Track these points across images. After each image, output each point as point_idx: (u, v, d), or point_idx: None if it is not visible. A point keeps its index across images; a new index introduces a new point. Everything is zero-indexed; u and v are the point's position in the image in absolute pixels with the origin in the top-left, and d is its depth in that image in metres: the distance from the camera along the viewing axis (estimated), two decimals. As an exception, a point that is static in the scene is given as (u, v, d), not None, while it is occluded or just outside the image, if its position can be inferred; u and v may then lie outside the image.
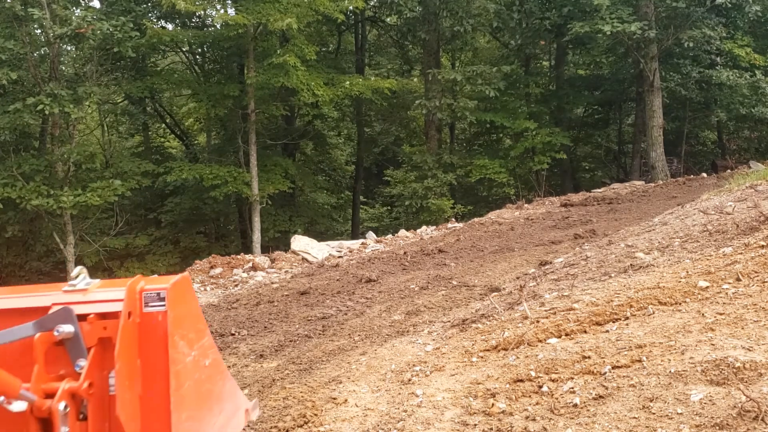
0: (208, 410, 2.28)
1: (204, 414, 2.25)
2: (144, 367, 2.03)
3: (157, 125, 28.25)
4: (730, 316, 4.15)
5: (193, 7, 18.75)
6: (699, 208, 8.45)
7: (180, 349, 2.12)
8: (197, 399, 2.21)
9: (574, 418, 3.34)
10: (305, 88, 19.50)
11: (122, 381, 1.94)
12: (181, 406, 2.07)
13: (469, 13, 22.22)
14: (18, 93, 18.05)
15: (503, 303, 6.12)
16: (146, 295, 2.05)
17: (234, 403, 2.43)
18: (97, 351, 1.99)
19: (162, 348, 2.05)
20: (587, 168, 31.74)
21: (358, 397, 4.35)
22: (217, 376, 2.33)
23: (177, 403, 2.05)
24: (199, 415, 2.21)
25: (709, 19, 22.02)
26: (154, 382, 2.03)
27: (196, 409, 2.20)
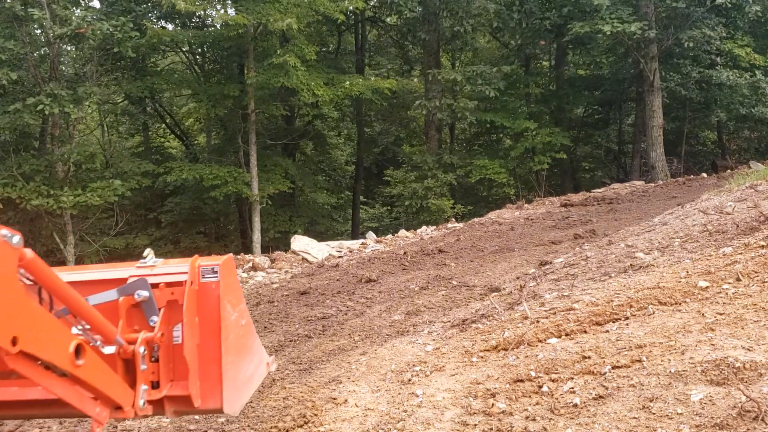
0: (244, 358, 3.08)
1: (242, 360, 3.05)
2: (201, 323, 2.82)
3: (157, 125, 28.25)
4: (730, 316, 4.15)
5: (193, 7, 18.74)
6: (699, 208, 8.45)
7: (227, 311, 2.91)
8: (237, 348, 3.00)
9: (574, 418, 3.34)
10: (305, 88, 19.50)
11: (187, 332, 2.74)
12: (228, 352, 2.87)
13: (469, 13, 22.21)
14: (18, 93, 18.04)
15: (503, 303, 6.12)
16: (203, 269, 2.88)
17: (260, 356, 3.27)
18: (166, 310, 2.77)
19: (215, 309, 2.86)
20: (587, 168, 31.74)
21: (358, 397, 4.35)
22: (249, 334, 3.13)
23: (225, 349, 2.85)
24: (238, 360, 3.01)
25: (709, 19, 22.01)
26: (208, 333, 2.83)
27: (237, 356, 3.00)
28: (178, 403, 2.88)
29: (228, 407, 2.99)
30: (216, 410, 3.07)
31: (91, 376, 2.39)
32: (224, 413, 3.14)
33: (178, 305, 2.81)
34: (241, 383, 3.11)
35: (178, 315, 2.81)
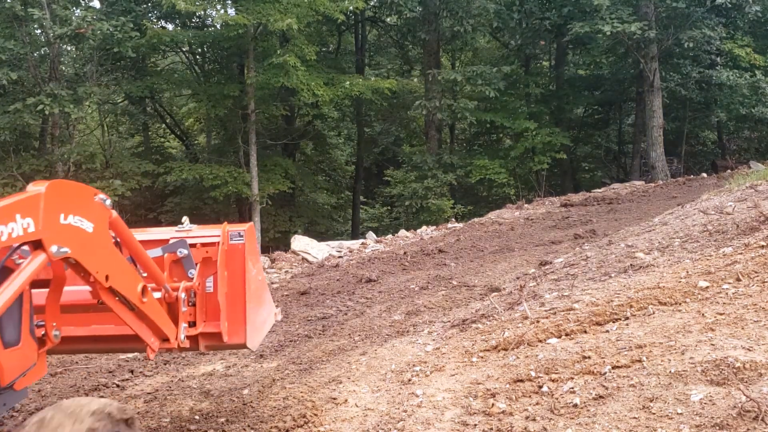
0: (261, 306, 3.98)
1: (259, 307, 3.93)
2: (229, 276, 3.67)
3: (157, 125, 28.25)
4: (730, 316, 4.15)
5: (193, 7, 18.74)
6: (699, 208, 8.44)
7: (250, 267, 3.78)
8: (256, 297, 3.87)
9: (574, 418, 3.34)
10: (305, 88, 19.50)
11: (219, 283, 3.59)
12: (250, 299, 3.75)
13: (469, 13, 22.21)
14: (18, 93, 18.05)
15: (503, 303, 6.12)
16: (231, 233, 3.73)
17: (271, 306, 4.21)
18: (201, 265, 3.61)
19: (241, 265, 3.73)
20: (587, 168, 31.74)
21: (358, 397, 4.35)
22: (264, 287, 4.10)
23: (248, 297, 3.73)
24: (257, 306, 3.89)
25: (709, 19, 22.01)
26: (235, 284, 3.70)
27: (256, 303, 3.87)
28: (210, 339, 3.70)
29: (250, 342, 3.84)
30: (240, 345, 3.87)
31: (150, 311, 3.20)
32: (247, 348, 3.92)
33: (211, 261, 3.68)
34: (259, 325, 3.98)
35: (211, 269, 3.68)
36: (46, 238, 2.58)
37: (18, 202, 2.51)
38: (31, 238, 2.53)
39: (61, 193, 2.72)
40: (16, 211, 2.47)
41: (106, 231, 2.94)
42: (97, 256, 2.85)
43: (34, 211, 2.53)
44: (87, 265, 2.80)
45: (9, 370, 2.62)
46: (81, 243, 2.75)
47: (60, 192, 2.71)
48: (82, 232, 2.77)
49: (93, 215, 2.85)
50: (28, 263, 2.58)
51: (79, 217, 2.77)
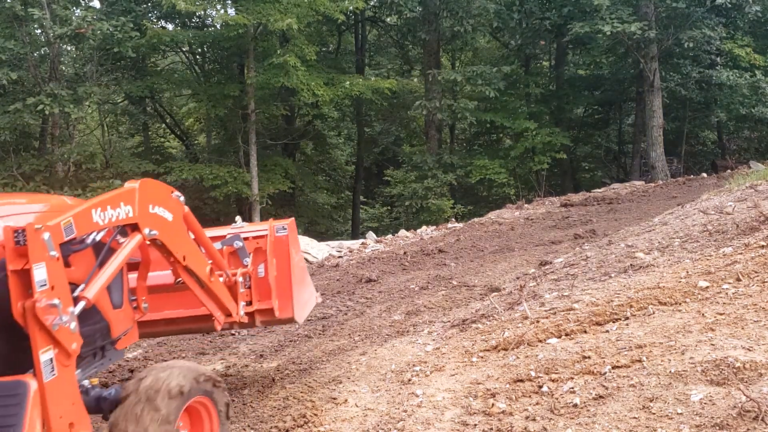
0: (304, 287, 4.82)
1: (302, 288, 4.76)
2: (277, 263, 4.48)
3: (157, 125, 28.24)
4: (730, 316, 4.15)
5: (193, 7, 18.74)
6: (699, 208, 8.44)
7: (293, 254, 4.59)
8: (299, 280, 4.66)
9: (574, 418, 3.34)
10: (305, 88, 19.49)
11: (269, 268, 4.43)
12: (294, 282, 4.54)
13: (469, 13, 22.20)
14: (18, 93, 18.04)
15: (503, 303, 6.12)
16: (277, 227, 4.57)
17: (312, 288, 5.09)
18: (254, 254, 4.42)
19: (286, 253, 4.53)
20: (587, 168, 31.73)
21: (358, 397, 4.35)
22: (305, 272, 4.95)
23: (293, 279, 4.53)
24: (300, 288, 4.67)
25: (709, 19, 22.00)
26: (282, 269, 4.51)
27: (300, 285, 4.65)
28: (264, 315, 4.52)
29: (297, 317, 4.69)
30: (289, 319, 4.68)
31: (217, 289, 3.92)
32: (295, 321, 4.76)
33: (261, 251, 4.54)
34: (303, 303, 4.82)
35: (261, 257, 4.52)
36: (141, 222, 3.28)
37: (121, 193, 3.20)
38: (130, 221, 3.22)
39: (149, 188, 3.40)
40: (120, 200, 3.16)
41: (182, 221, 3.67)
42: (176, 240, 3.58)
43: (132, 201, 3.22)
44: (170, 246, 3.52)
45: (116, 326, 3.37)
46: (165, 228, 3.45)
47: (148, 187, 3.39)
48: (165, 220, 3.49)
49: (172, 208, 3.58)
50: (128, 241, 3.24)
51: (162, 208, 3.49)
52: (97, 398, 3.15)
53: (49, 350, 2.66)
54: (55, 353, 2.67)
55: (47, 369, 2.65)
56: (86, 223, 2.94)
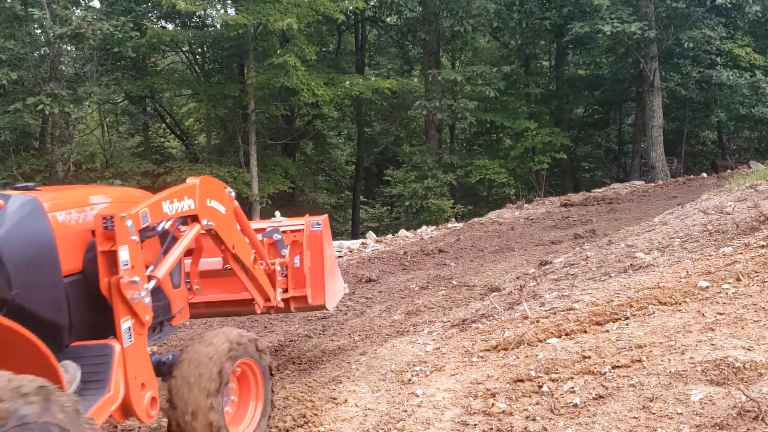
0: (334, 278, 5.30)
1: (333, 279, 5.24)
2: (312, 254, 4.94)
3: (157, 125, 28.23)
4: (730, 316, 4.15)
5: (193, 7, 18.74)
6: (699, 208, 8.44)
7: (326, 247, 5.04)
8: (331, 271, 5.13)
9: (574, 418, 3.34)
10: (305, 88, 19.49)
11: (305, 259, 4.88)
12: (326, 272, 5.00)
13: (469, 13, 22.19)
14: (18, 93, 18.03)
15: (503, 303, 6.12)
16: (312, 222, 5.01)
17: (341, 280, 5.57)
18: (291, 246, 4.88)
19: (319, 246, 4.98)
20: (587, 168, 31.71)
21: (358, 397, 4.35)
22: (336, 264, 5.42)
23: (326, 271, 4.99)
24: (332, 278, 5.14)
25: (709, 19, 21.99)
26: (316, 261, 4.96)
27: (331, 275, 5.12)
28: (299, 301, 4.96)
29: (328, 304, 5.17)
30: (321, 306, 5.14)
31: (259, 276, 4.44)
32: (326, 308, 5.24)
33: (298, 243, 5.01)
34: (334, 292, 5.32)
35: (297, 249, 5.00)
36: (200, 213, 3.80)
37: (185, 188, 3.74)
38: (192, 213, 3.74)
39: (207, 184, 3.93)
40: (184, 194, 3.69)
41: (232, 214, 4.22)
42: (227, 230, 4.09)
43: (193, 195, 3.74)
44: (222, 235, 4.02)
45: (175, 303, 3.82)
46: (219, 220, 3.99)
47: (207, 184, 3.92)
48: (219, 212, 4.01)
49: (225, 202, 4.10)
50: (189, 230, 3.76)
51: (217, 202, 4.00)
52: (158, 362, 3.55)
53: (128, 320, 3.13)
54: (132, 323, 3.15)
55: (126, 336, 3.11)
56: (158, 213, 3.46)
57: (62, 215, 3.11)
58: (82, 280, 3.14)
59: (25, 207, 2.90)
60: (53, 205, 3.07)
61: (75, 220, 3.18)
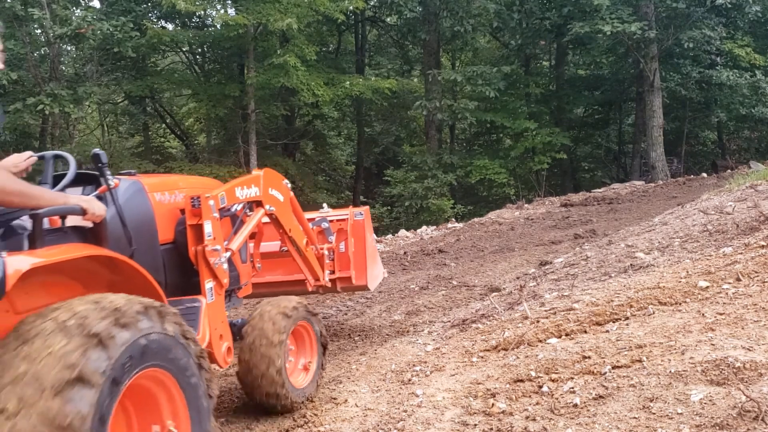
0: (375, 262, 5.94)
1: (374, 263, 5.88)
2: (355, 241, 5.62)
3: (157, 125, 28.23)
4: (730, 316, 4.15)
5: (193, 7, 18.72)
6: (699, 208, 8.45)
7: (368, 235, 5.76)
8: (372, 256, 5.80)
9: (575, 418, 3.34)
10: (305, 88, 19.48)
11: (349, 245, 5.60)
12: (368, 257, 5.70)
13: (470, 13, 22.18)
14: (18, 93, 18.00)
15: (503, 303, 6.12)
16: (355, 212, 5.76)
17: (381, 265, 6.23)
18: (337, 234, 5.56)
19: (362, 234, 5.68)
20: (587, 168, 31.71)
21: (358, 397, 4.35)
22: (376, 250, 6.13)
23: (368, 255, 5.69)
24: (373, 262, 5.81)
25: (709, 19, 21.99)
26: (358, 246, 5.64)
27: (372, 260, 5.78)
28: (344, 282, 5.65)
29: (370, 285, 5.83)
30: (363, 286, 5.81)
31: (310, 257, 5.11)
32: (368, 288, 5.90)
33: (343, 231, 5.67)
34: (375, 275, 5.97)
35: (342, 236, 5.66)
36: (264, 200, 4.42)
37: (252, 177, 4.39)
38: (257, 198, 4.35)
39: (269, 175, 4.58)
40: (252, 183, 4.31)
41: (289, 202, 4.83)
42: (285, 216, 4.73)
43: (258, 184, 4.38)
44: (281, 220, 4.65)
45: (243, 277, 4.34)
46: (278, 206, 4.60)
47: (269, 175, 4.57)
48: (279, 200, 4.62)
49: (283, 191, 4.72)
50: (254, 214, 4.36)
51: (277, 191, 4.62)
52: (230, 324, 4.06)
53: (211, 281, 3.74)
54: (213, 284, 3.76)
55: (209, 294, 3.71)
56: (232, 197, 4.07)
57: (159, 195, 3.75)
58: (174, 248, 3.76)
59: (133, 186, 3.58)
60: (152, 186, 3.74)
61: (168, 200, 3.82)
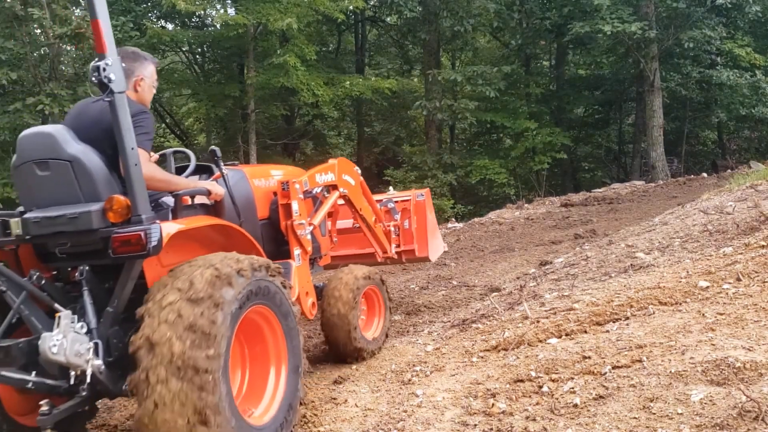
0: (435, 237, 7.12)
1: (434, 237, 7.05)
2: (417, 219, 6.73)
3: (157, 125, 28.23)
4: (730, 316, 4.15)
5: (193, 7, 18.72)
6: (699, 208, 8.44)
7: (429, 213, 6.88)
8: (432, 231, 6.97)
9: (575, 419, 3.33)
10: (305, 88, 19.48)
11: (412, 222, 6.70)
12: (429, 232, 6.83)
13: (470, 13, 22.17)
14: (18, 93, 17.99)
15: (503, 303, 6.12)
16: (417, 194, 6.86)
17: (441, 240, 7.42)
18: (401, 213, 6.69)
19: (423, 212, 6.80)
20: (587, 168, 31.70)
21: (358, 397, 4.35)
22: (436, 227, 7.23)
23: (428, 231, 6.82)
24: (433, 237, 6.98)
25: (710, 19, 21.98)
26: (420, 224, 6.74)
27: (432, 235, 6.94)
28: (408, 254, 6.62)
29: (431, 257, 6.86)
30: (425, 258, 6.83)
31: (379, 233, 6.04)
32: (429, 260, 6.98)
33: (407, 210, 6.64)
34: (435, 248, 7.00)
35: (406, 215, 6.63)
36: (338, 183, 5.35)
37: (328, 165, 5.31)
38: (332, 183, 5.28)
39: (343, 163, 5.51)
40: (328, 170, 5.27)
41: (359, 186, 5.72)
42: (356, 197, 5.66)
43: (334, 171, 5.32)
44: (353, 201, 5.60)
45: (323, 248, 5.30)
46: (351, 189, 5.55)
47: (342, 162, 5.51)
48: (350, 184, 5.56)
49: (354, 177, 5.64)
50: (330, 196, 5.26)
51: (349, 176, 5.54)
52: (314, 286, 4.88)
53: (298, 249, 4.64)
54: (300, 251, 4.66)
55: (297, 259, 4.61)
56: (313, 181, 4.97)
57: (257, 181, 4.76)
58: (269, 223, 4.71)
59: (238, 174, 4.66)
60: (251, 174, 4.83)
61: (264, 185, 4.82)
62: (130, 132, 3.26)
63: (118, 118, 3.25)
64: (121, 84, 3.28)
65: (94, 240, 3.28)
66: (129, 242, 3.14)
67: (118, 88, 3.26)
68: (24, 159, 3.51)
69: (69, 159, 3.38)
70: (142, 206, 3.24)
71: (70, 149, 3.39)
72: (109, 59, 3.31)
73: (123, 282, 3.25)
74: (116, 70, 3.29)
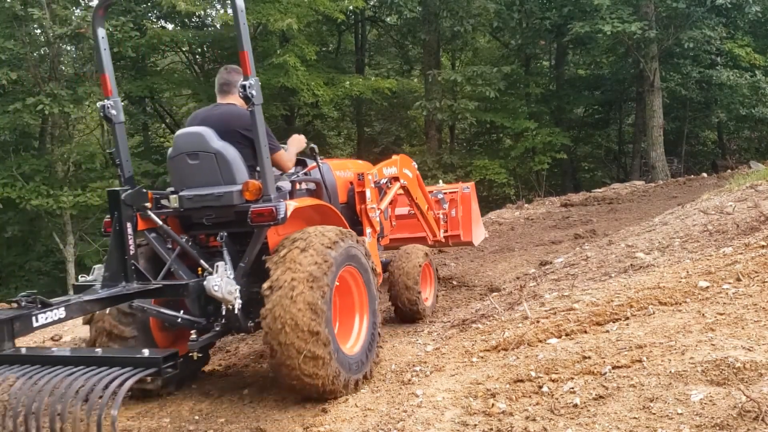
0: (478, 225, 8.32)
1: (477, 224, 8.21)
2: (462, 208, 7.90)
3: (157, 125, 28.22)
4: (730, 316, 4.15)
5: (193, 8, 18.72)
6: (699, 208, 8.44)
7: (473, 204, 8.03)
8: (476, 219, 8.15)
9: (575, 419, 3.33)
10: (305, 88, 19.48)
11: (458, 211, 7.90)
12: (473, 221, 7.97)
13: (470, 13, 22.17)
14: (18, 93, 17.98)
15: (503, 303, 6.12)
16: (463, 187, 8.11)
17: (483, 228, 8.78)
18: (449, 202, 7.92)
19: (468, 203, 7.95)
20: (587, 168, 31.70)
21: (358, 397, 4.35)
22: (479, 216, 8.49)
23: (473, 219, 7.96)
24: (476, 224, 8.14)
25: (709, 19, 21.97)
26: (465, 212, 7.90)
27: (476, 222, 8.11)
28: (454, 238, 7.74)
29: (475, 241, 7.99)
30: (469, 242, 7.92)
31: (430, 220, 7.32)
32: (473, 244, 8.08)
33: (454, 201, 7.83)
34: (478, 233, 8.10)
35: (453, 205, 7.79)
36: (399, 176, 6.43)
37: (391, 161, 6.42)
38: (394, 175, 6.37)
39: (403, 159, 6.62)
40: (391, 165, 6.36)
41: (416, 179, 6.83)
42: (413, 188, 6.77)
43: (396, 165, 6.43)
44: (411, 191, 6.70)
45: (385, 229, 6.36)
46: (409, 181, 6.64)
47: (403, 159, 6.61)
48: (409, 176, 6.65)
49: (412, 170, 6.75)
50: (392, 187, 6.32)
51: (407, 170, 6.65)
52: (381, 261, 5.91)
53: (369, 228, 5.62)
54: (370, 230, 5.65)
55: (368, 236, 5.57)
56: (381, 174, 6.09)
57: (339, 172, 5.79)
58: (347, 207, 5.69)
59: (325, 166, 5.55)
60: (335, 166, 5.80)
61: (344, 176, 5.84)
62: (264, 133, 4.29)
63: (256, 123, 4.27)
64: (259, 98, 4.31)
65: (232, 213, 4.35)
66: (263, 215, 4.18)
67: (258, 102, 4.30)
68: (179, 151, 4.62)
69: (214, 152, 4.47)
70: (271, 188, 4.30)
71: (214, 144, 4.48)
72: (251, 80, 4.36)
73: (253, 245, 4.32)
74: (257, 89, 4.32)
